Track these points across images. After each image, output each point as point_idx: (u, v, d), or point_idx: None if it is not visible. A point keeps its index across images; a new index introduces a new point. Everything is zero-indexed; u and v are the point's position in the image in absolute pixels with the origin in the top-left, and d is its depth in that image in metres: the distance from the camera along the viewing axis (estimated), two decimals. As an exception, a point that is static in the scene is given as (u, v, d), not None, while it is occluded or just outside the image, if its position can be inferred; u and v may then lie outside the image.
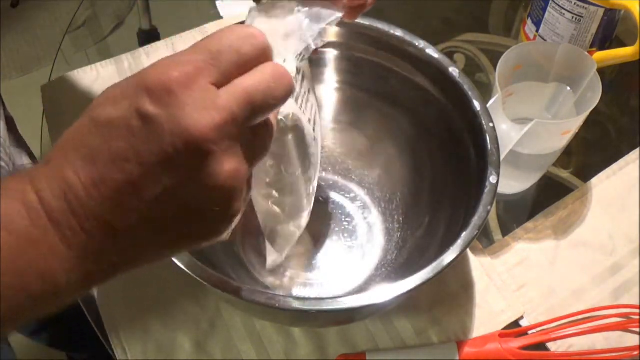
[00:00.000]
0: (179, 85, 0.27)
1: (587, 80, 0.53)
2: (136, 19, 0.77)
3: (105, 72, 0.67)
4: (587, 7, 0.62)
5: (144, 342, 0.51)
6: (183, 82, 0.27)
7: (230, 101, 0.27)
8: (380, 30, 0.52)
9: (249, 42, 0.29)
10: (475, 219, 0.43)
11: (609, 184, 0.60)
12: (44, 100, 0.65)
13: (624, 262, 0.56)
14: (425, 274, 0.41)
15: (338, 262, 0.55)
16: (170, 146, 0.26)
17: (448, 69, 0.50)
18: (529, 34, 0.70)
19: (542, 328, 0.52)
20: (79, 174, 0.27)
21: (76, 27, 0.76)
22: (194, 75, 0.27)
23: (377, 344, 0.51)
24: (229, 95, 0.28)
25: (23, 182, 0.27)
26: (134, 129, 0.27)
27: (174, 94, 0.26)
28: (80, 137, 0.28)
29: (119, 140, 0.27)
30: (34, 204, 0.27)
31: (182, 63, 0.27)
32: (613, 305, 0.53)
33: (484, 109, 0.48)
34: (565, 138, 0.53)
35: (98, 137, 0.27)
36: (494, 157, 0.46)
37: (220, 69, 0.28)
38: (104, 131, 0.27)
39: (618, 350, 0.51)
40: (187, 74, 0.27)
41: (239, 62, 0.29)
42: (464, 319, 0.52)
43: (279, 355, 0.50)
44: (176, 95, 0.26)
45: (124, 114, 0.27)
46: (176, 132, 0.26)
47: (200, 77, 0.27)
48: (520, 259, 0.56)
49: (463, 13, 0.76)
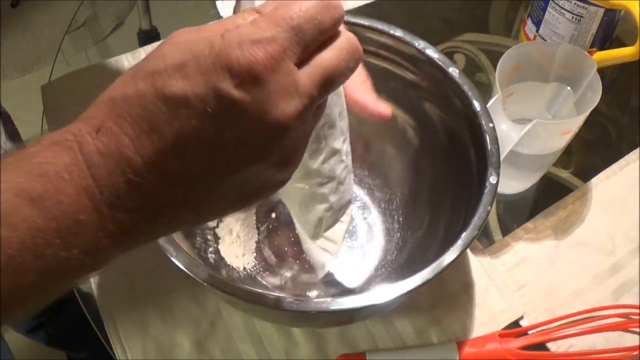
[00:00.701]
0: (265, 69, 0.25)
1: (587, 80, 0.53)
2: (136, 19, 0.78)
3: (105, 72, 0.67)
4: (587, 7, 0.62)
5: (143, 341, 0.51)
6: (269, 65, 0.25)
7: (311, 85, 0.26)
8: (380, 30, 0.52)
9: (329, 15, 0.27)
10: (475, 219, 0.43)
11: (609, 184, 0.60)
12: (44, 100, 0.65)
13: (624, 262, 0.56)
14: (425, 274, 0.41)
15: (338, 262, 0.55)
16: (253, 134, 0.25)
17: (448, 69, 0.50)
18: (529, 34, 0.70)
19: (542, 328, 0.52)
20: (141, 153, 0.25)
21: (76, 27, 0.76)
22: (280, 58, 0.25)
23: (377, 344, 0.51)
24: (310, 78, 0.26)
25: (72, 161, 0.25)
26: (212, 111, 0.25)
27: (260, 78, 0.25)
28: (141, 107, 0.25)
29: (191, 119, 0.25)
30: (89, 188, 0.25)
31: (266, 41, 0.25)
32: (613, 305, 0.53)
33: (484, 109, 0.48)
34: (565, 138, 0.53)
35: (164, 113, 0.25)
36: (494, 157, 0.46)
37: (302, 47, 0.26)
38: (173, 107, 0.25)
39: (618, 350, 0.51)
40: (273, 56, 0.25)
41: (320, 38, 0.27)
42: (464, 319, 0.52)
43: (279, 355, 0.50)
44: (262, 80, 0.25)
45: (200, 92, 0.24)
46: (262, 120, 0.25)
47: (285, 59, 0.25)
48: (520, 259, 0.56)
49: (463, 13, 0.76)
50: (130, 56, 0.68)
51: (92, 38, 0.76)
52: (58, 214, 0.24)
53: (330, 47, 0.27)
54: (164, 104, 0.25)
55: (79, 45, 0.75)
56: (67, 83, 0.66)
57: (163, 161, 0.25)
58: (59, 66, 0.69)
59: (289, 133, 0.26)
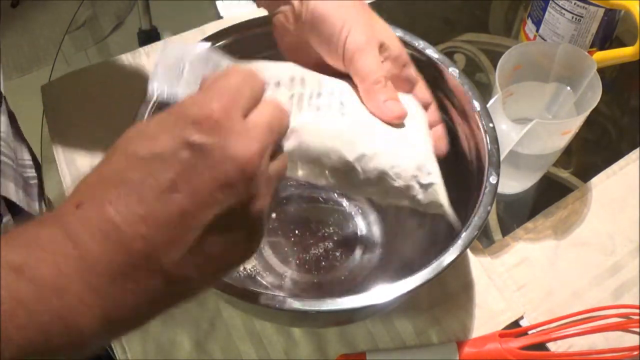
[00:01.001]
0: (221, 116, 0.28)
1: (587, 80, 0.53)
2: (136, 19, 0.78)
3: (105, 72, 0.67)
4: (587, 7, 0.62)
5: (143, 341, 0.51)
6: (224, 112, 0.29)
7: (258, 131, 0.30)
8: (380, 30, 0.52)
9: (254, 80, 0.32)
10: (475, 219, 0.43)
11: (609, 184, 0.60)
12: (44, 100, 0.65)
13: (624, 262, 0.56)
14: (425, 274, 0.41)
15: (338, 262, 0.55)
16: (223, 173, 0.28)
17: (448, 69, 0.50)
18: (529, 34, 0.70)
19: (542, 328, 0.52)
20: (123, 212, 0.26)
21: (76, 27, 0.76)
22: (231, 107, 0.29)
23: (377, 344, 0.51)
24: (256, 126, 0.30)
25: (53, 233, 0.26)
26: (183, 159, 0.27)
27: (220, 123, 0.28)
28: (117, 174, 0.27)
29: (166, 172, 0.27)
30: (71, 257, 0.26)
31: (215, 97, 0.29)
32: (613, 305, 0.53)
33: (484, 109, 0.48)
34: (565, 138, 0.53)
35: (140, 172, 0.27)
36: (494, 157, 0.46)
37: (243, 103, 0.30)
38: (147, 165, 0.27)
39: (618, 350, 0.51)
40: (226, 105, 0.29)
41: (253, 97, 0.31)
42: (464, 319, 0.52)
43: (279, 355, 0.50)
44: (221, 124, 0.28)
45: (169, 146, 0.27)
46: (228, 158, 0.28)
47: (235, 109, 0.29)
48: (520, 259, 0.56)
49: (463, 13, 0.76)
50: (130, 56, 0.68)
51: (92, 38, 0.76)
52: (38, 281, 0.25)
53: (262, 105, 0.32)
54: (137, 164, 0.27)
55: (79, 45, 0.75)
56: (67, 83, 0.66)
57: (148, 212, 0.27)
58: (59, 66, 0.69)
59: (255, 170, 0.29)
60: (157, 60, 0.36)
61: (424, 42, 0.52)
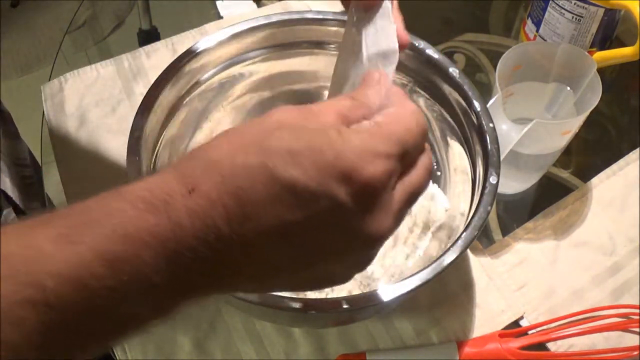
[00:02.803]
0: (379, 186, 0.26)
1: (587, 80, 0.53)
2: (136, 19, 0.78)
3: (105, 72, 0.67)
4: (587, 7, 0.62)
5: (143, 342, 0.51)
6: (383, 182, 0.26)
7: (401, 205, 0.28)
8: (380, 30, 0.52)
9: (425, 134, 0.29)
10: (475, 219, 0.43)
11: (609, 184, 0.60)
12: (44, 100, 0.65)
13: (624, 262, 0.56)
14: (425, 274, 0.41)
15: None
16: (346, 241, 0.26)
17: (448, 69, 0.50)
18: (529, 34, 0.70)
19: (542, 328, 0.52)
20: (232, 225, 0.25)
21: (76, 27, 0.76)
22: (389, 178, 0.26)
23: (377, 344, 0.51)
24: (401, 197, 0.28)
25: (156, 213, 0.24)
26: (317, 209, 0.25)
27: (372, 193, 0.26)
28: (246, 181, 0.25)
29: (294, 209, 0.25)
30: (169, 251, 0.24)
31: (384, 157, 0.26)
32: (613, 305, 0.53)
33: (484, 109, 0.48)
34: (565, 138, 0.53)
35: (270, 194, 0.25)
36: (494, 157, 0.46)
37: (404, 165, 0.28)
38: (280, 192, 0.25)
39: (618, 350, 0.51)
40: (385, 176, 0.26)
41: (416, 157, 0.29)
42: (464, 319, 0.52)
43: (279, 355, 0.50)
44: (373, 195, 0.26)
45: (312, 187, 0.25)
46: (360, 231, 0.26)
47: (392, 178, 0.27)
48: (520, 259, 0.56)
49: (463, 13, 0.76)
50: (130, 56, 0.68)
51: (92, 38, 0.76)
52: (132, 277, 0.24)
53: (417, 167, 0.29)
54: (272, 184, 0.24)
55: (79, 45, 0.75)
56: (67, 83, 0.66)
57: (252, 238, 0.25)
58: (59, 66, 0.69)
59: (377, 246, 0.28)
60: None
61: (424, 42, 0.52)
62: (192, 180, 0.25)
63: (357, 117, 0.28)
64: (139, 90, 0.65)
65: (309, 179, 0.24)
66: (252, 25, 0.52)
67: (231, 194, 0.24)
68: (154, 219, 0.24)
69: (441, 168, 0.55)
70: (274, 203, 0.24)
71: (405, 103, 0.29)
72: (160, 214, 0.24)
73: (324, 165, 0.25)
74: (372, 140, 0.26)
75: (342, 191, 0.25)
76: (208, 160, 0.25)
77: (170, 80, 0.49)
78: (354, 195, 0.25)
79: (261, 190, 0.24)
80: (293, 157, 0.25)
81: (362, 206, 0.26)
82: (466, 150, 0.50)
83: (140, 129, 0.46)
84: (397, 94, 0.30)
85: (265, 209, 0.25)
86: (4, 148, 0.58)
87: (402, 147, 0.27)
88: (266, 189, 0.24)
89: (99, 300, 0.24)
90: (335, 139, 0.26)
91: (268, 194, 0.24)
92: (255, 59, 0.54)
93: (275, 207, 0.25)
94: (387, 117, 0.28)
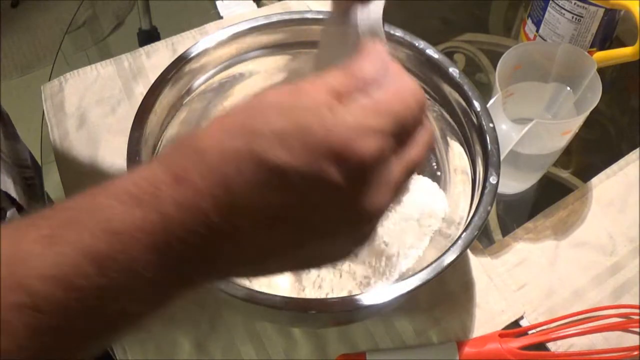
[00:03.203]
0: (372, 163, 0.25)
1: (587, 80, 0.53)
2: (136, 19, 0.78)
3: (105, 72, 0.67)
4: (587, 7, 0.62)
5: (143, 342, 0.51)
6: (376, 159, 0.25)
7: (399, 181, 0.27)
8: (380, 30, 0.52)
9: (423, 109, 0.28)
10: (475, 219, 0.43)
11: (609, 184, 0.60)
12: (44, 100, 0.65)
13: (624, 262, 0.56)
14: (425, 274, 0.41)
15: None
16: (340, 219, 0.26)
17: (448, 69, 0.50)
18: (529, 34, 0.70)
19: (542, 328, 0.52)
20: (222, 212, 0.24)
21: (76, 27, 0.76)
22: (382, 155, 0.25)
23: (377, 344, 0.51)
24: (399, 174, 0.27)
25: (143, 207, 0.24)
26: (308, 189, 0.24)
27: (365, 171, 0.25)
28: (233, 167, 0.24)
29: (283, 192, 0.24)
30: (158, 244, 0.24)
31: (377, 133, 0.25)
32: (613, 305, 0.53)
33: (484, 109, 0.48)
34: (565, 138, 0.53)
35: (258, 179, 0.24)
36: (494, 157, 0.46)
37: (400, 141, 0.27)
38: (268, 176, 0.24)
39: (618, 350, 0.51)
40: (380, 151, 0.25)
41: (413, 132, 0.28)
42: (464, 319, 0.52)
43: (279, 355, 0.50)
44: (366, 172, 0.25)
45: (301, 168, 0.24)
46: (354, 208, 0.25)
47: (387, 155, 0.26)
48: (520, 259, 0.56)
49: (463, 13, 0.76)
50: (130, 56, 0.68)
51: (92, 38, 0.76)
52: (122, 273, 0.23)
53: (416, 143, 0.28)
54: (260, 170, 0.24)
55: (79, 45, 0.75)
56: (67, 83, 0.66)
57: (243, 225, 0.24)
58: (59, 66, 0.69)
59: (374, 222, 0.27)
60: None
61: (424, 42, 0.52)
62: (179, 171, 0.24)
63: (350, 91, 0.26)
64: (139, 90, 0.65)
65: (297, 161, 0.24)
66: (252, 25, 0.52)
67: (219, 182, 0.24)
68: (141, 213, 0.24)
69: (441, 168, 0.55)
70: (262, 188, 0.24)
71: (402, 77, 0.28)
72: (147, 208, 0.24)
73: (313, 145, 0.24)
74: (365, 116, 0.25)
75: (334, 170, 0.24)
76: (195, 149, 0.25)
77: (170, 80, 0.49)
78: (347, 174, 0.24)
79: (249, 177, 0.24)
80: (281, 138, 0.24)
81: (355, 184, 0.25)
82: (466, 150, 0.50)
83: (140, 129, 0.46)
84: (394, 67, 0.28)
85: (254, 195, 0.24)
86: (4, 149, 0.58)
87: (397, 122, 0.26)
88: (254, 175, 0.24)
89: (90, 300, 0.23)
90: (325, 116, 0.24)
91: (257, 179, 0.24)
92: (255, 59, 0.54)
93: (264, 193, 0.24)
94: (382, 91, 0.27)
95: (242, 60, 0.53)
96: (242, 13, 0.72)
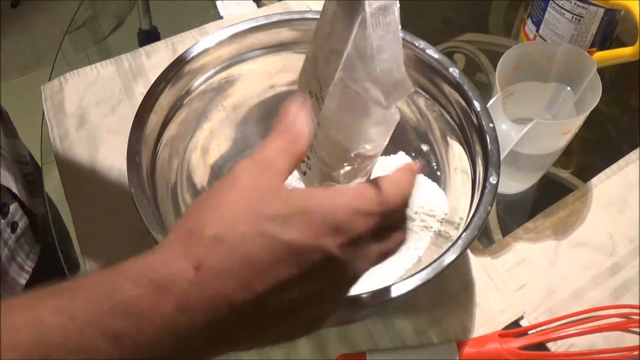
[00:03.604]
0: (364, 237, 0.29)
1: (587, 80, 0.53)
2: (136, 19, 0.78)
3: (105, 72, 0.67)
4: (587, 7, 0.62)
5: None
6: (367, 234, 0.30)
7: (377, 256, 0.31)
8: (380, 30, 0.52)
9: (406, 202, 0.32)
10: (475, 219, 0.43)
11: (609, 184, 0.60)
12: (44, 100, 0.65)
13: (624, 262, 0.56)
14: (425, 274, 0.41)
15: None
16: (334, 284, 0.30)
17: (448, 69, 0.50)
18: (529, 34, 0.70)
19: (542, 328, 0.52)
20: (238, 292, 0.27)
21: (76, 27, 0.76)
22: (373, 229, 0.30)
23: (377, 344, 0.51)
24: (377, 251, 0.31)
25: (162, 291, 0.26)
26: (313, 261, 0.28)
27: (359, 244, 0.29)
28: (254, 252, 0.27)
29: (293, 267, 0.28)
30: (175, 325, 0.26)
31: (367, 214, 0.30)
32: (613, 305, 0.53)
33: (484, 109, 0.48)
34: (565, 138, 0.53)
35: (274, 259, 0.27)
36: (494, 157, 0.46)
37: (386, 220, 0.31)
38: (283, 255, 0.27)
39: (618, 350, 0.51)
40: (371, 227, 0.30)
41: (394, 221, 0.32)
42: (464, 319, 0.52)
43: (279, 355, 0.50)
44: (360, 246, 0.29)
45: (308, 244, 0.28)
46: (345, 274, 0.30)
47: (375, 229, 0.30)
48: (520, 259, 0.56)
49: (463, 13, 0.77)
50: (130, 56, 0.68)
51: (92, 38, 0.76)
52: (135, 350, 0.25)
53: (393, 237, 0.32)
54: (274, 248, 0.27)
55: (79, 45, 0.75)
56: (67, 83, 0.66)
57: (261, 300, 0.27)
58: (59, 66, 0.69)
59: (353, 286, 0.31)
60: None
61: (424, 42, 0.52)
62: (198, 258, 0.27)
63: None
64: (139, 90, 0.65)
65: (304, 238, 0.28)
66: (252, 25, 0.52)
67: (239, 263, 0.27)
68: (159, 298, 0.26)
69: (441, 168, 0.55)
70: (276, 264, 0.27)
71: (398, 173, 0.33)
72: (166, 293, 0.26)
73: (316, 224, 0.28)
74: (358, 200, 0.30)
75: (332, 244, 0.28)
76: (209, 236, 0.27)
77: (170, 80, 0.49)
78: (342, 247, 0.29)
79: (265, 255, 0.27)
80: (286, 221, 0.28)
81: (347, 255, 0.29)
82: (466, 150, 0.50)
83: (140, 129, 0.46)
84: None
85: (269, 271, 0.27)
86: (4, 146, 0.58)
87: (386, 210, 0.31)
88: (269, 252, 0.27)
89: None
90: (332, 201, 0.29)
91: (272, 256, 0.27)
92: (255, 59, 0.54)
93: (277, 267, 0.27)
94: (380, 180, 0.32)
95: (242, 60, 0.53)
96: (242, 13, 0.72)
